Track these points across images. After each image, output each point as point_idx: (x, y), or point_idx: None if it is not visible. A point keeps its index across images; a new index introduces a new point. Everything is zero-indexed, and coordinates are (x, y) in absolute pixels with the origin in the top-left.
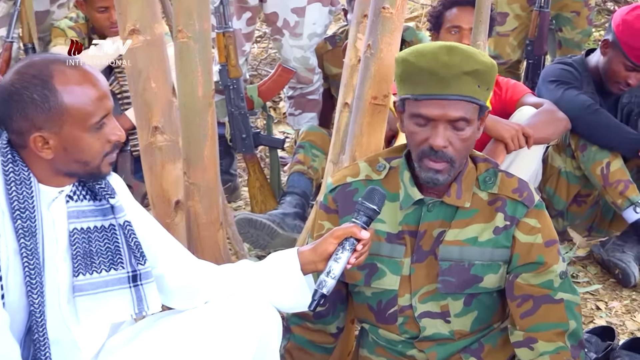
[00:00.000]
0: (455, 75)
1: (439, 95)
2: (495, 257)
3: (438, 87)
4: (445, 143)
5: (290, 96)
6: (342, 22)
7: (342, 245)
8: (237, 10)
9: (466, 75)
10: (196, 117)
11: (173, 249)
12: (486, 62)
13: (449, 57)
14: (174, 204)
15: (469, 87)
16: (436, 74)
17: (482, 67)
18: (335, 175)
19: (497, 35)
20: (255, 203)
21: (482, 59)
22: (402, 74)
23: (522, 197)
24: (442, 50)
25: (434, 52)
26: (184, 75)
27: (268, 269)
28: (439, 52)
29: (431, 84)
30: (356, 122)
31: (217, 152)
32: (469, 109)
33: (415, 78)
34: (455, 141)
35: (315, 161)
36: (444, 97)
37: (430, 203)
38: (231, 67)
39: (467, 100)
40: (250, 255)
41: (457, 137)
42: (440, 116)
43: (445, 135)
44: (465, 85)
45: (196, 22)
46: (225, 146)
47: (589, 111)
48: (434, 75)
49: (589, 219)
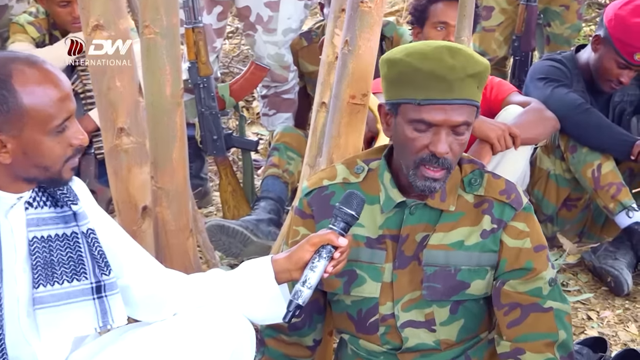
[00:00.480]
0: (460, 79)
1: (443, 100)
2: (483, 261)
3: (442, 91)
4: (448, 149)
5: (264, 95)
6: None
7: (319, 253)
8: (208, 4)
9: (470, 78)
10: (164, 118)
11: (140, 258)
12: (485, 63)
13: (453, 59)
14: (140, 210)
15: (471, 89)
16: (442, 78)
17: (483, 68)
18: (311, 178)
19: (483, 31)
20: (227, 209)
21: (480, 59)
22: (398, 76)
23: (510, 199)
24: (444, 52)
25: (437, 54)
26: (151, 74)
27: (240, 278)
28: (442, 54)
29: (435, 88)
30: (333, 123)
31: (187, 155)
32: (471, 113)
33: (418, 82)
34: (454, 146)
35: (290, 164)
36: (448, 102)
37: (413, 206)
38: (201, 65)
39: (470, 104)
40: (222, 264)
41: (457, 142)
42: (444, 122)
43: (447, 140)
44: (468, 89)
45: (164, 17)
46: (195, 148)
47: (579, 110)
48: (439, 79)
49: (580, 224)
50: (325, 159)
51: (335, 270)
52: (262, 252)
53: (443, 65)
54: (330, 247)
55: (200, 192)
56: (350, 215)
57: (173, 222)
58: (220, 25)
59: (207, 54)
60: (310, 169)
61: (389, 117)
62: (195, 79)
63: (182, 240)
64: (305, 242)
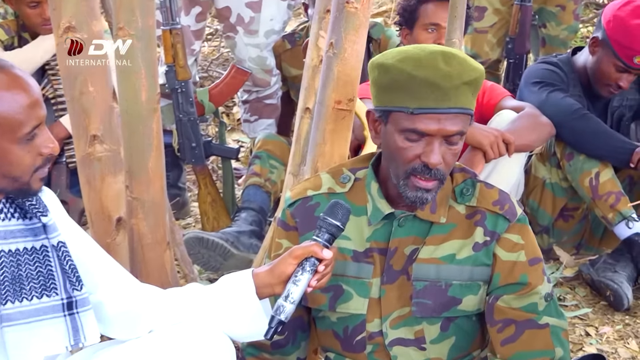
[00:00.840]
0: (455, 87)
1: (437, 109)
2: (475, 276)
3: (436, 100)
4: (441, 160)
5: (245, 100)
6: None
7: (302, 266)
8: (186, 4)
9: (465, 86)
10: (140, 125)
11: (114, 273)
12: (480, 69)
13: (448, 66)
14: (114, 222)
15: (466, 97)
16: (437, 86)
17: (479, 75)
18: (295, 188)
19: (475, 32)
20: (206, 220)
21: (475, 65)
22: (389, 83)
23: (504, 210)
24: (439, 58)
25: (432, 61)
26: (125, 78)
27: (220, 293)
28: (436, 60)
29: (430, 97)
30: (318, 129)
31: (164, 164)
32: (466, 122)
33: (411, 89)
34: (447, 157)
35: (273, 173)
36: (442, 111)
37: (402, 217)
38: (179, 69)
39: (464, 113)
40: (201, 278)
41: (450, 152)
42: (437, 131)
43: (440, 151)
44: (463, 97)
45: (139, 18)
46: (172, 157)
47: (575, 116)
48: (434, 87)
49: (577, 236)
50: (310, 168)
51: (320, 285)
52: (243, 265)
53: (438, 73)
54: (314, 259)
55: (178, 203)
56: (335, 226)
57: (149, 234)
58: (198, 27)
59: (185, 57)
60: (294, 178)
61: (378, 124)
62: (172, 83)
63: (159, 253)
64: (288, 254)
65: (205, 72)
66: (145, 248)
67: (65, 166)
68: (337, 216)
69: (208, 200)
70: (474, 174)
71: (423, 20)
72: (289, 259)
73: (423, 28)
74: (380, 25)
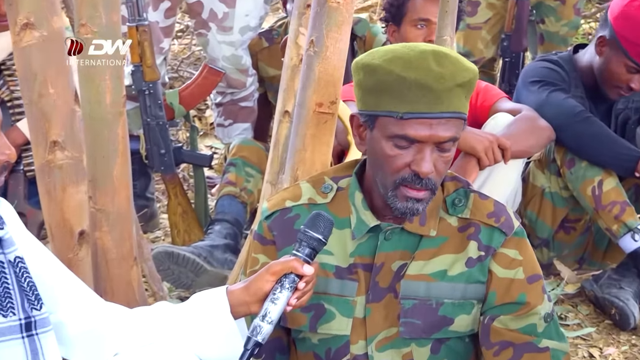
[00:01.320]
0: (448, 89)
1: (429, 114)
2: (468, 294)
3: (428, 104)
4: (432, 169)
5: (218, 103)
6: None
7: (281, 283)
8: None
9: (459, 88)
10: (104, 129)
11: (76, 291)
12: (473, 69)
13: (440, 67)
14: (77, 236)
15: (459, 101)
16: (428, 89)
17: (473, 76)
18: (272, 198)
19: (467, 29)
20: (176, 233)
21: (469, 65)
22: (376, 85)
23: (499, 223)
24: (430, 59)
25: (422, 61)
26: (89, 79)
27: (191, 312)
28: (427, 60)
29: (420, 100)
30: (298, 135)
31: (130, 172)
32: (459, 127)
33: (400, 92)
34: (439, 165)
35: (249, 182)
36: (434, 115)
37: (389, 230)
38: (147, 69)
39: (458, 117)
40: (171, 296)
41: (442, 160)
42: (429, 138)
43: (432, 159)
44: (457, 100)
45: (103, 14)
46: (139, 164)
47: (577, 119)
48: (425, 90)
49: (580, 249)
50: (289, 176)
51: (300, 303)
52: (216, 282)
53: (430, 74)
54: (294, 276)
55: (146, 215)
56: (317, 240)
57: (114, 249)
58: (168, 23)
59: (154, 56)
60: (272, 188)
61: (363, 130)
62: (139, 84)
63: (125, 269)
64: (265, 270)
65: (175, 72)
66: (110, 264)
67: (23, 175)
68: (318, 229)
69: (178, 212)
70: (467, 183)
71: (412, 15)
72: (267, 275)
73: (412, 24)
74: (365, 21)
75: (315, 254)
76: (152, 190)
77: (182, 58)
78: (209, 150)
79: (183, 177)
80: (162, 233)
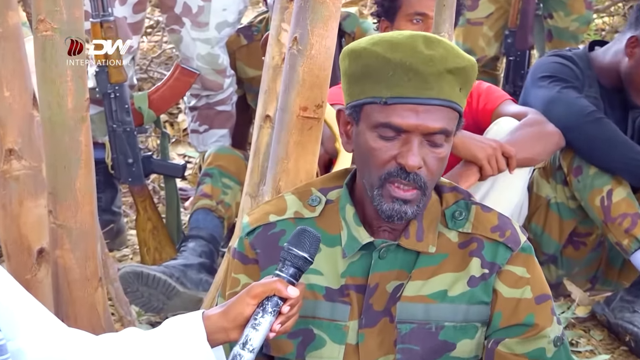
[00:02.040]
0: (437, 73)
1: (415, 99)
2: (471, 316)
3: (414, 87)
4: (421, 163)
5: (192, 107)
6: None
7: (263, 307)
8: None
9: (450, 75)
10: (65, 136)
11: (35, 315)
12: (470, 59)
13: (429, 49)
14: (35, 254)
15: (451, 89)
16: (415, 71)
17: (468, 64)
18: (253, 212)
19: (468, 24)
20: (146, 251)
21: (464, 54)
22: (361, 70)
23: (504, 238)
24: (418, 41)
25: (410, 43)
26: (48, 81)
27: (163, 339)
28: (416, 42)
29: (407, 84)
30: (280, 142)
31: (94, 184)
32: (451, 119)
33: (385, 75)
34: (430, 161)
35: (226, 194)
36: (422, 101)
37: (383, 247)
38: (113, 69)
39: (449, 107)
40: (140, 321)
41: (434, 156)
42: (415, 127)
43: (420, 152)
44: (448, 87)
45: (64, 9)
46: (105, 175)
47: (589, 119)
48: (412, 73)
49: (592, 267)
50: (271, 188)
51: (284, 329)
52: (190, 306)
53: (417, 56)
54: (277, 299)
55: (112, 231)
56: (302, 259)
57: (77, 269)
58: (137, 19)
59: (121, 55)
60: (252, 200)
61: (350, 126)
62: (104, 87)
63: (89, 291)
64: (246, 293)
65: (145, 72)
66: (73, 285)
67: None
68: (304, 246)
69: (148, 228)
70: (468, 195)
71: (407, 9)
72: (247, 298)
73: (407, 19)
74: (354, 16)
75: (301, 274)
76: (118, 204)
77: (152, 57)
78: (182, 159)
79: (153, 189)
80: (130, 251)
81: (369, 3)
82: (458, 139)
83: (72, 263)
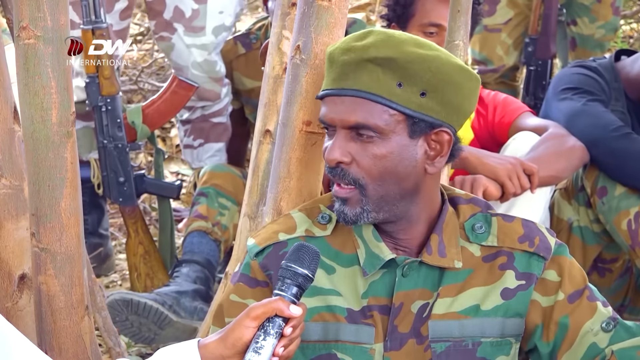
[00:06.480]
0: (354, 62)
1: (333, 90)
2: (507, 330)
3: (332, 79)
4: (343, 156)
5: (186, 120)
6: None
7: (264, 330)
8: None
9: (370, 64)
10: (49, 153)
11: (17, 346)
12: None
13: (358, 40)
14: (17, 280)
15: (373, 80)
16: (334, 62)
17: (400, 56)
18: (260, 233)
19: (485, 31)
20: (137, 277)
21: (409, 49)
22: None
23: (535, 247)
24: (365, 33)
25: (352, 35)
26: (31, 93)
27: None
28: (360, 34)
29: (329, 76)
30: (282, 159)
31: (80, 204)
32: (376, 113)
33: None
34: (361, 158)
35: (223, 215)
36: (337, 92)
37: (406, 265)
38: (104, 81)
39: (370, 99)
40: (130, 352)
41: (365, 154)
42: (332, 120)
43: (344, 146)
44: (367, 77)
45: (48, 15)
46: (91, 195)
47: (616, 134)
48: (333, 64)
49: (619, 295)
50: (271, 209)
51: (287, 354)
52: (184, 336)
53: (342, 46)
54: (279, 320)
55: (100, 255)
56: (303, 276)
57: (62, 296)
58: (123, 26)
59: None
60: (251, 222)
61: None
62: (95, 99)
63: (75, 320)
64: (245, 315)
65: (135, 83)
66: (57, 314)
67: None
68: (304, 262)
69: (139, 252)
70: (486, 206)
71: (420, 18)
72: (247, 320)
73: (420, 29)
74: (361, 22)
75: (302, 292)
76: (105, 226)
77: (143, 67)
78: (175, 177)
79: (144, 210)
80: (119, 277)
81: (377, 9)
82: (474, 158)
83: (57, 290)
